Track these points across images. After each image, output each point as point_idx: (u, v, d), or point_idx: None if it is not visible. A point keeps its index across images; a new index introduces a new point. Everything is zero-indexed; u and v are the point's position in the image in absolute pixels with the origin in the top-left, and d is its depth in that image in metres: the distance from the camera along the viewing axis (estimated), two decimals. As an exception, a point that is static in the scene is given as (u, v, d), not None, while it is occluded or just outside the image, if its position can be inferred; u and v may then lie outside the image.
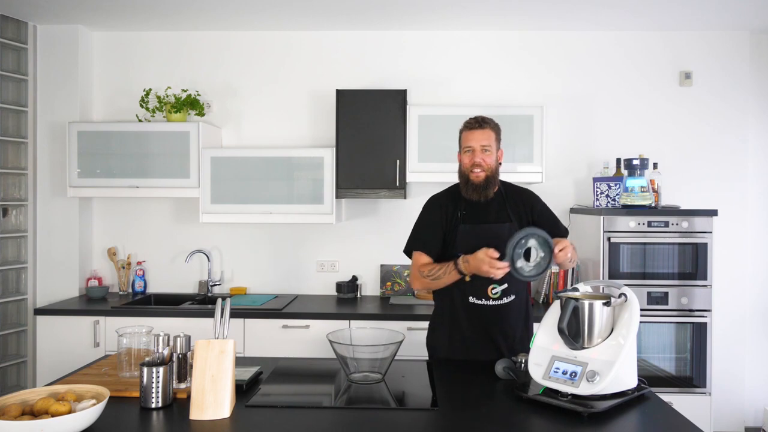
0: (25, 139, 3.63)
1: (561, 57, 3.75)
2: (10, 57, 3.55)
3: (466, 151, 2.16)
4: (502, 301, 2.14)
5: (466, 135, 2.18)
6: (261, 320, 3.18)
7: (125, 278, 3.74)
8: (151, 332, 1.92)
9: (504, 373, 1.88)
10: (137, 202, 3.82)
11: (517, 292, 2.17)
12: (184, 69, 3.82)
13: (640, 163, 3.34)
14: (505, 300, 2.15)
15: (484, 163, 2.13)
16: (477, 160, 2.13)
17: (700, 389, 3.16)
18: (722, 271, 3.62)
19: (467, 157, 2.16)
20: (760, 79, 3.75)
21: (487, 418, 1.58)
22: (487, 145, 2.14)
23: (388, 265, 3.73)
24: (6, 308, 3.53)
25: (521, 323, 2.20)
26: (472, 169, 2.13)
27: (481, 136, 2.14)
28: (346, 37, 3.78)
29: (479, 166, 2.12)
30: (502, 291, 2.13)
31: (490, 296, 2.13)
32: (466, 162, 2.16)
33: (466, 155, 2.17)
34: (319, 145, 3.76)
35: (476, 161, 2.13)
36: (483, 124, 2.16)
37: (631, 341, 1.65)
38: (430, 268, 2.11)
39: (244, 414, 1.61)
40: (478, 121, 2.16)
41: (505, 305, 2.15)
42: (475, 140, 2.14)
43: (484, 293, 2.13)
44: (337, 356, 1.89)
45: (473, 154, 2.14)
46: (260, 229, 3.79)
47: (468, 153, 2.16)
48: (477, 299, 2.13)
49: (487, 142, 2.14)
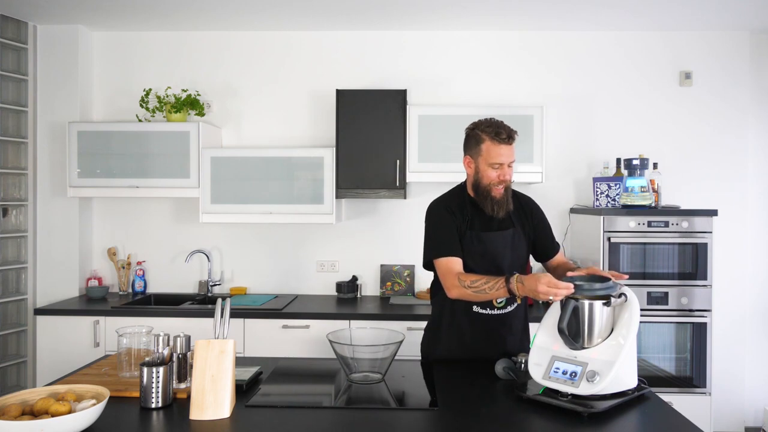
0: (25, 139, 3.63)
1: (561, 57, 3.75)
2: (10, 57, 3.55)
3: (494, 166, 2.01)
4: (506, 310, 2.10)
5: (494, 149, 2.00)
6: (261, 320, 3.18)
7: (125, 278, 3.74)
8: (151, 332, 1.92)
9: (504, 373, 1.88)
10: (137, 202, 3.82)
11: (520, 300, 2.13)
12: (184, 69, 3.82)
13: (640, 163, 3.34)
14: (509, 308, 2.11)
15: (509, 178, 2.04)
16: (507, 177, 2.02)
17: (700, 389, 3.16)
18: (722, 271, 3.62)
19: (494, 173, 2.01)
20: (760, 79, 3.75)
21: (487, 418, 1.58)
22: (513, 161, 2.04)
23: (388, 265, 3.73)
24: (6, 308, 3.53)
25: (521, 328, 2.17)
26: (498, 186, 2.03)
27: (511, 152, 2.02)
28: (346, 37, 3.79)
29: (504, 182, 2.03)
30: (507, 300, 2.08)
31: (495, 305, 2.08)
32: (492, 177, 2.02)
33: (492, 170, 2.01)
34: (319, 145, 3.76)
35: (505, 178, 2.02)
36: (511, 138, 2.01)
37: (631, 341, 1.65)
38: (473, 279, 1.92)
39: (244, 414, 1.61)
40: (508, 134, 2.01)
41: (509, 313, 2.11)
42: (506, 156, 2.01)
43: (489, 302, 2.06)
44: (337, 356, 1.89)
45: (502, 171, 2.01)
46: (260, 229, 3.79)
47: (496, 169, 2.01)
48: (482, 309, 2.08)
49: (513, 158, 2.04)
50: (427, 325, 2.26)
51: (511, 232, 2.10)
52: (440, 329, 2.16)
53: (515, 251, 2.10)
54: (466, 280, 1.93)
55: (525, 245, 2.14)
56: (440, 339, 2.15)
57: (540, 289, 1.72)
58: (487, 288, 1.89)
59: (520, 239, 2.12)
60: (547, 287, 1.71)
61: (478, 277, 1.92)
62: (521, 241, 2.12)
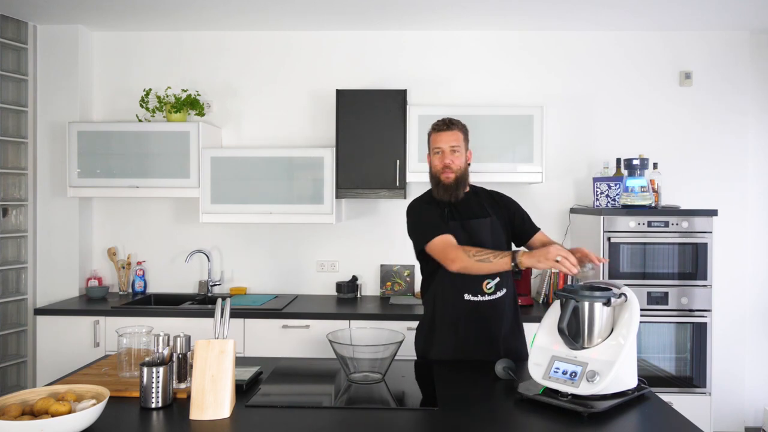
0: (25, 139, 3.63)
1: (561, 57, 3.75)
2: (10, 57, 3.55)
3: (436, 152, 2.19)
4: (496, 296, 2.16)
5: (434, 137, 2.20)
6: (261, 320, 3.18)
7: (125, 278, 3.74)
8: (151, 332, 1.92)
9: (504, 373, 1.88)
10: (137, 202, 3.82)
11: (507, 286, 2.20)
12: (184, 69, 3.82)
13: (640, 163, 3.34)
14: (499, 294, 2.16)
15: (454, 165, 2.16)
16: (447, 161, 2.16)
17: (700, 389, 3.16)
18: (722, 271, 3.62)
19: (437, 159, 2.19)
20: (760, 79, 3.75)
21: (487, 418, 1.58)
22: (456, 146, 2.17)
23: (388, 265, 3.73)
24: (6, 308, 3.53)
25: (511, 315, 2.22)
26: (443, 171, 2.17)
27: (450, 137, 2.17)
28: (346, 37, 3.79)
29: (449, 168, 2.16)
30: (496, 285, 2.15)
31: (485, 291, 2.14)
32: (436, 164, 2.19)
33: (435, 157, 2.20)
34: (319, 145, 3.76)
35: (446, 162, 2.16)
36: (451, 125, 2.19)
37: (631, 341, 1.65)
38: (477, 250, 1.96)
39: (244, 414, 1.61)
40: (446, 123, 2.19)
41: (499, 299, 2.17)
42: (444, 141, 2.17)
43: (480, 288, 2.13)
44: (337, 356, 1.89)
45: (443, 156, 2.17)
46: (260, 229, 3.79)
47: (438, 155, 2.19)
48: (472, 296, 2.13)
49: (456, 143, 2.17)
50: (419, 325, 2.32)
51: (489, 221, 2.19)
52: (434, 323, 2.21)
53: (496, 238, 2.18)
54: (471, 250, 1.97)
55: (503, 234, 2.23)
56: (435, 333, 2.20)
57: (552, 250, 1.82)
58: (491, 257, 1.93)
59: (498, 228, 2.20)
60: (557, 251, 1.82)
61: (482, 249, 1.98)
62: (499, 230, 2.21)
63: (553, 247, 1.86)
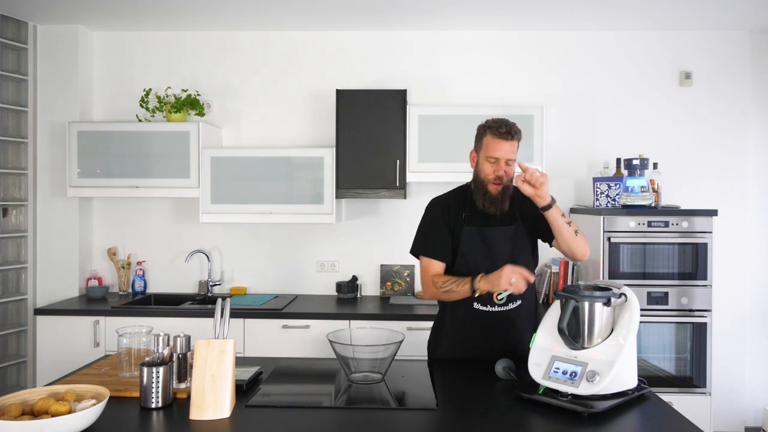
0: (25, 139, 3.63)
1: (561, 57, 3.75)
2: (10, 57, 3.55)
3: (491, 160, 2.00)
4: (507, 307, 2.08)
5: (492, 143, 1.99)
6: (261, 320, 3.18)
7: (125, 278, 3.74)
8: (151, 332, 1.92)
9: (504, 373, 1.88)
10: (137, 202, 3.82)
11: (523, 297, 2.09)
12: (184, 69, 3.82)
13: (640, 163, 3.34)
14: (511, 306, 2.08)
15: (506, 177, 2.01)
16: (500, 173, 2.00)
17: (700, 389, 3.16)
18: (722, 271, 3.62)
19: (489, 167, 2.01)
20: (760, 79, 3.75)
21: (487, 418, 1.58)
22: (511, 158, 2.00)
23: (388, 265, 3.73)
24: (6, 308, 3.53)
25: (529, 328, 2.10)
26: (493, 182, 2.01)
27: (510, 149, 1.98)
28: (346, 38, 3.78)
29: (500, 179, 2.01)
30: (508, 297, 2.07)
31: (495, 302, 2.07)
32: (487, 171, 2.01)
33: (488, 164, 2.01)
34: (319, 145, 3.76)
35: (499, 174, 2.00)
36: (513, 135, 1.98)
37: (631, 341, 1.65)
38: (444, 280, 2.01)
39: (244, 414, 1.61)
40: (509, 131, 1.97)
41: (512, 311, 2.09)
42: (503, 152, 1.98)
43: (490, 299, 2.06)
44: (337, 356, 1.89)
45: (497, 166, 2.00)
46: (260, 229, 3.79)
47: (492, 163, 2.00)
48: (482, 306, 2.07)
49: (513, 156, 2.00)
50: (433, 324, 2.28)
51: (514, 228, 2.08)
52: (443, 327, 2.18)
53: (516, 248, 2.08)
54: (439, 281, 2.02)
55: (528, 243, 2.11)
56: (443, 337, 2.18)
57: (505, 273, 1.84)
58: (454, 286, 1.98)
59: (523, 236, 2.09)
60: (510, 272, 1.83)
61: (449, 278, 2.01)
62: (524, 238, 2.10)
63: (506, 269, 1.85)
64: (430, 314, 3.06)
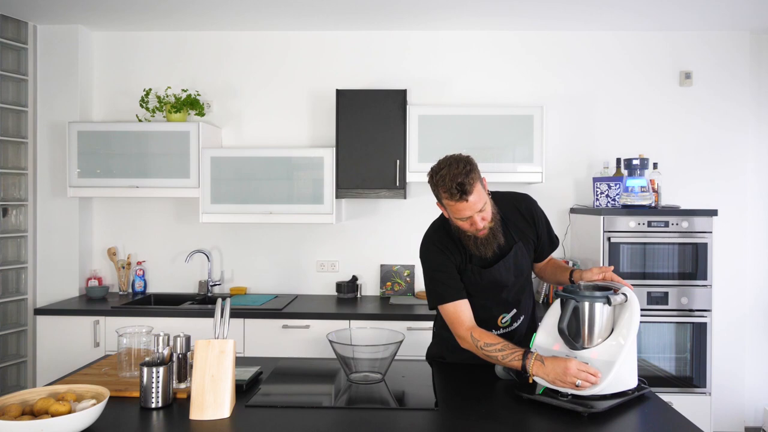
0: (25, 139, 3.63)
1: (561, 57, 3.75)
2: (10, 57, 3.55)
3: (463, 219, 1.83)
4: (511, 328, 2.03)
5: (454, 208, 1.80)
6: (261, 320, 3.18)
7: (125, 278, 3.74)
8: (151, 332, 1.92)
9: (504, 373, 1.88)
10: (137, 202, 3.82)
11: (525, 312, 2.06)
12: (184, 69, 3.82)
13: (640, 163, 3.34)
14: (515, 325, 2.03)
15: (486, 222, 1.84)
16: (480, 225, 1.82)
17: (700, 389, 3.16)
18: (722, 271, 3.62)
19: (466, 224, 1.84)
20: (760, 79, 3.75)
21: (487, 418, 1.58)
22: (482, 206, 1.80)
23: (388, 265, 3.73)
24: (6, 308, 3.53)
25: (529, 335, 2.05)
26: (479, 232, 1.85)
27: (474, 202, 1.78)
28: (346, 37, 3.79)
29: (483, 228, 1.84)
30: (512, 317, 2.02)
31: (500, 326, 2.00)
32: (466, 227, 1.85)
33: (462, 222, 1.84)
34: (319, 145, 3.76)
35: (479, 227, 1.83)
36: (466, 191, 1.75)
37: (632, 341, 1.65)
38: (487, 342, 1.81)
39: (244, 414, 1.61)
40: (461, 191, 1.75)
41: (515, 329, 2.04)
42: (470, 210, 1.79)
43: (494, 323, 1.99)
44: (337, 356, 1.89)
45: (473, 220, 1.81)
46: (260, 229, 3.79)
47: (465, 221, 1.83)
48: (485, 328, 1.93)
49: (480, 204, 1.79)
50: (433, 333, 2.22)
51: (513, 252, 1.95)
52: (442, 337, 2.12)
53: (519, 270, 1.98)
54: (480, 340, 1.82)
55: (528, 258, 2.01)
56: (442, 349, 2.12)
57: (571, 370, 1.61)
58: (500, 357, 1.78)
59: (523, 255, 1.98)
60: (578, 370, 1.60)
61: (492, 340, 1.81)
62: (524, 257, 1.99)
63: (572, 364, 1.61)
64: (430, 314, 3.06)
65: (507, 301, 2.00)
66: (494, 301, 1.98)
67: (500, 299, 1.99)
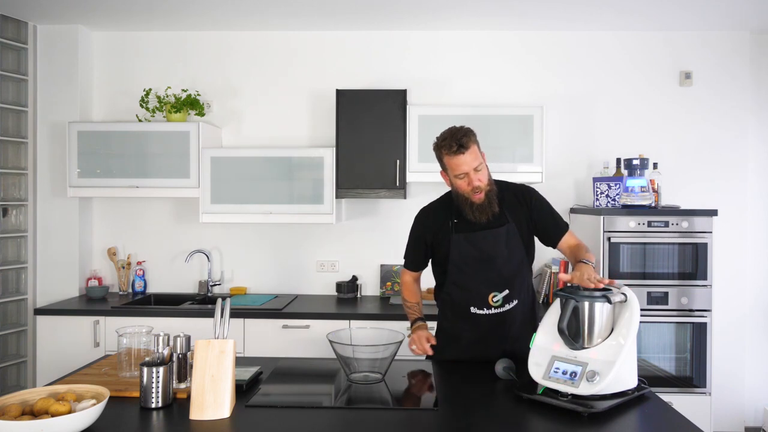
0: (25, 139, 3.63)
1: (561, 57, 3.75)
2: (10, 57, 3.55)
3: (460, 177, 2.01)
4: (504, 309, 2.09)
5: (452, 162, 1.99)
6: (261, 320, 3.18)
7: (125, 278, 3.74)
8: (151, 332, 1.92)
9: (504, 373, 1.88)
10: (137, 202, 3.82)
11: (519, 298, 2.11)
12: (184, 69, 3.82)
13: (640, 163, 3.34)
14: (507, 307, 2.09)
15: (482, 183, 2.00)
16: (475, 183, 1.99)
17: (700, 389, 3.16)
18: (722, 271, 3.62)
19: (462, 182, 2.01)
20: (760, 80, 3.75)
21: (487, 418, 1.58)
22: (477, 164, 1.98)
23: (388, 265, 3.73)
24: (6, 308, 3.53)
25: (528, 329, 2.09)
26: (473, 193, 2.01)
27: (471, 159, 1.97)
28: (346, 38, 3.78)
29: (478, 188, 2.00)
30: (504, 298, 2.08)
31: (491, 304, 2.08)
32: (463, 187, 2.02)
33: (459, 180, 2.02)
34: (319, 145, 3.76)
35: (474, 185, 1.99)
36: (465, 145, 1.96)
37: (632, 341, 1.65)
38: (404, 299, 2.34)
39: (244, 414, 1.61)
40: (460, 144, 1.96)
41: (508, 312, 2.09)
42: (467, 165, 1.97)
43: (485, 302, 2.07)
44: (337, 356, 1.89)
45: (468, 179, 1.99)
46: (260, 229, 3.79)
47: (462, 179, 2.01)
48: (478, 309, 2.09)
49: (476, 161, 1.98)
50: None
51: (505, 229, 2.06)
52: (441, 329, 2.21)
53: (509, 248, 2.07)
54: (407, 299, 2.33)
55: (521, 242, 2.09)
56: (439, 339, 2.18)
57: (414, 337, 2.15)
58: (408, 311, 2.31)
59: (515, 237, 2.08)
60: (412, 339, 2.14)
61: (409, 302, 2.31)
62: (516, 241, 2.08)
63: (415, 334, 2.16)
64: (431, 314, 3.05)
65: (497, 280, 2.07)
66: (484, 277, 2.07)
67: (491, 277, 2.07)
